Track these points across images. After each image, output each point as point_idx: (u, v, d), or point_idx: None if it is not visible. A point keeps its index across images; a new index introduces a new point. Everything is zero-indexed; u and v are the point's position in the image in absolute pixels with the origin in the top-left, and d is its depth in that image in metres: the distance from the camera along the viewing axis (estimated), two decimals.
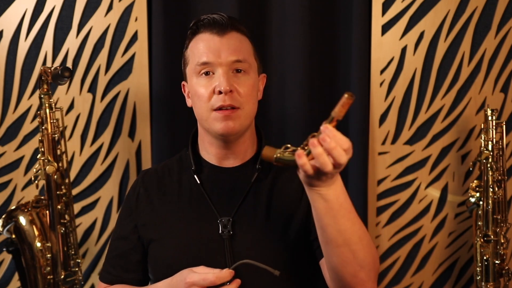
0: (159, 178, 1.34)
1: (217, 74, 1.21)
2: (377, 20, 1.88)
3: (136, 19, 1.87)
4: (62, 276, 1.65)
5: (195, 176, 1.28)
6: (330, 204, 1.00)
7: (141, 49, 1.88)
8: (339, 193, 1.01)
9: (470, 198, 1.79)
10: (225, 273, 1.10)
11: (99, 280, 1.38)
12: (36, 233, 1.66)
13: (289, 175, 1.28)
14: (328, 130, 0.93)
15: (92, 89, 1.89)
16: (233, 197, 1.25)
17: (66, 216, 1.65)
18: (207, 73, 1.22)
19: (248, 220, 1.24)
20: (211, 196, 1.26)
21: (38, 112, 1.65)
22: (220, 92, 1.19)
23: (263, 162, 1.23)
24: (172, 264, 1.22)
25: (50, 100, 1.64)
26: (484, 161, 1.75)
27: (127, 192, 1.39)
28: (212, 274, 1.10)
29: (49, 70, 1.57)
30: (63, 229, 1.65)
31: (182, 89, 1.37)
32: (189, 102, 1.33)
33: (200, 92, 1.23)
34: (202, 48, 1.23)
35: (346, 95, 0.93)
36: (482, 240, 1.76)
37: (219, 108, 1.20)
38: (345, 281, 1.08)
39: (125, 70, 1.89)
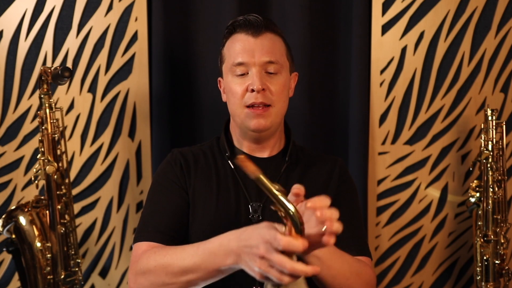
0: (195, 157, 1.38)
1: (251, 73, 1.28)
2: (377, 20, 1.88)
3: (136, 19, 1.87)
4: (62, 276, 1.65)
5: (229, 161, 1.35)
6: (323, 258, 1.11)
7: (141, 49, 1.88)
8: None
9: (470, 198, 1.79)
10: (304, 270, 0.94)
11: (138, 242, 1.25)
12: (36, 233, 1.66)
13: (317, 169, 1.37)
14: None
15: (92, 89, 1.89)
16: None
17: (66, 216, 1.65)
18: (242, 75, 1.29)
19: None
20: (244, 182, 1.32)
21: (38, 112, 1.65)
22: (253, 90, 1.27)
23: (292, 155, 1.36)
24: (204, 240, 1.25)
25: (50, 100, 1.64)
26: (484, 161, 1.75)
27: (165, 162, 1.37)
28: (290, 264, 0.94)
29: (49, 70, 1.57)
30: (63, 229, 1.65)
31: (218, 85, 1.42)
32: (224, 97, 1.39)
33: (234, 89, 1.30)
34: (238, 48, 1.30)
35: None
36: (482, 240, 1.76)
37: (252, 105, 1.28)
38: None
39: (125, 70, 1.89)
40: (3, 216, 1.67)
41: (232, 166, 1.34)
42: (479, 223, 1.77)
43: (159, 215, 1.28)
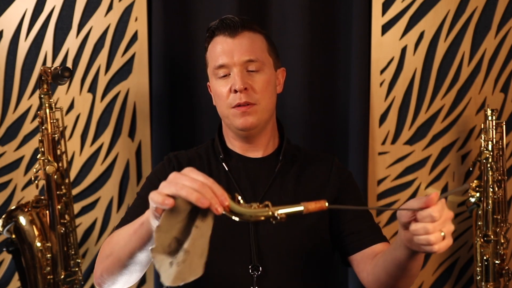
0: (190, 161, 1.38)
1: (233, 74, 1.29)
2: (377, 20, 1.88)
3: (136, 19, 1.87)
4: (62, 276, 1.65)
5: (223, 163, 1.35)
6: (421, 255, 1.09)
7: (141, 49, 1.88)
8: None
9: (470, 198, 1.79)
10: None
11: (116, 229, 1.24)
12: (36, 233, 1.66)
13: (313, 168, 1.37)
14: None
15: (92, 89, 1.89)
16: (258, 185, 1.32)
17: (66, 216, 1.65)
18: (224, 76, 1.30)
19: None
20: (238, 183, 1.32)
21: (38, 112, 1.65)
22: (236, 91, 1.27)
23: (286, 154, 1.36)
24: None
25: (50, 100, 1.64)
26: (484, 161, 1.75)
27: (159, 164, 1.38)
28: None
29: (49, 70, 1.57)
30: (63, 229, 1.65)
31: (208, 89, 1.42)
32: (214, 101, 1.39)
33: (219, 91, 1.31)
34: (218, 51, 1.31)
35: None
36: (482, 240, 1.76)
37: (237, 106, 1.28)
38: None
39: (125, 70, 1.89)
40: (3, 216, 1.67)
41: (226, 168, 1.34)
42: (479, 223, 1.77)
43: (141, 208, 1.26)
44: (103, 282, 1.14)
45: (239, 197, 0.91)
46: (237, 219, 0.89)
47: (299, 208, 0.91)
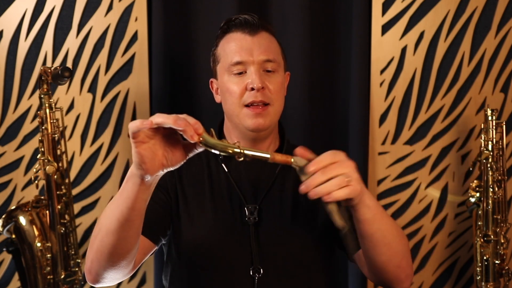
0: (188, 160, 1.35)
1: (249, 72, 1.27)
2: (377, 20, 1.88)
3: (136, 19, 1.87)
4: (62, 276, 1.65)
5: (223, 164, 1.32)
6: (373, 209, 1.06)
7: (141, 49, 1.88)
8: (373, 198, 1.09)
9: (470, 198, 1.79)
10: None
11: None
12: (36, 233, 1.66)
13: None
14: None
15: (92, 89, 1.89)
16: (258, 187, 1.31)
17: (66, 216, 1.65)
18: (240, 73, 1.28)
19: (274, 208, 1.30)
20: (238, 184, 1.30)
21: (38, 112, 1.65)
22: (252, 89, 1.26)
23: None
24: (201, 244, 1.26)
25: (50, 100, 1.64)
26: (484, 161, 1.75)
27: None
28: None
29: (49, 70, 1.57)
30: (63, 229, 1.65)
31: (210, 86, 1.40)
32: (217, 99, 1.38)
33: (232, 89, 1.28)
34: (235, 47, 1.29)
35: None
36: (482, 240, 1.76)
37: (251, 104, 1.26)
38: (391, 274, 1.15)
39: (125, 70, 1.89)
40: (3, 216, 1.67)
41: (226, 169, 1.32)
42: (479, 223, 1.77)
43: None
44: (92, 269, 1.10)
45: (213, 131, 0.96)
46: (214, 151, 0.95)
47: (266, 155, 0.95)
